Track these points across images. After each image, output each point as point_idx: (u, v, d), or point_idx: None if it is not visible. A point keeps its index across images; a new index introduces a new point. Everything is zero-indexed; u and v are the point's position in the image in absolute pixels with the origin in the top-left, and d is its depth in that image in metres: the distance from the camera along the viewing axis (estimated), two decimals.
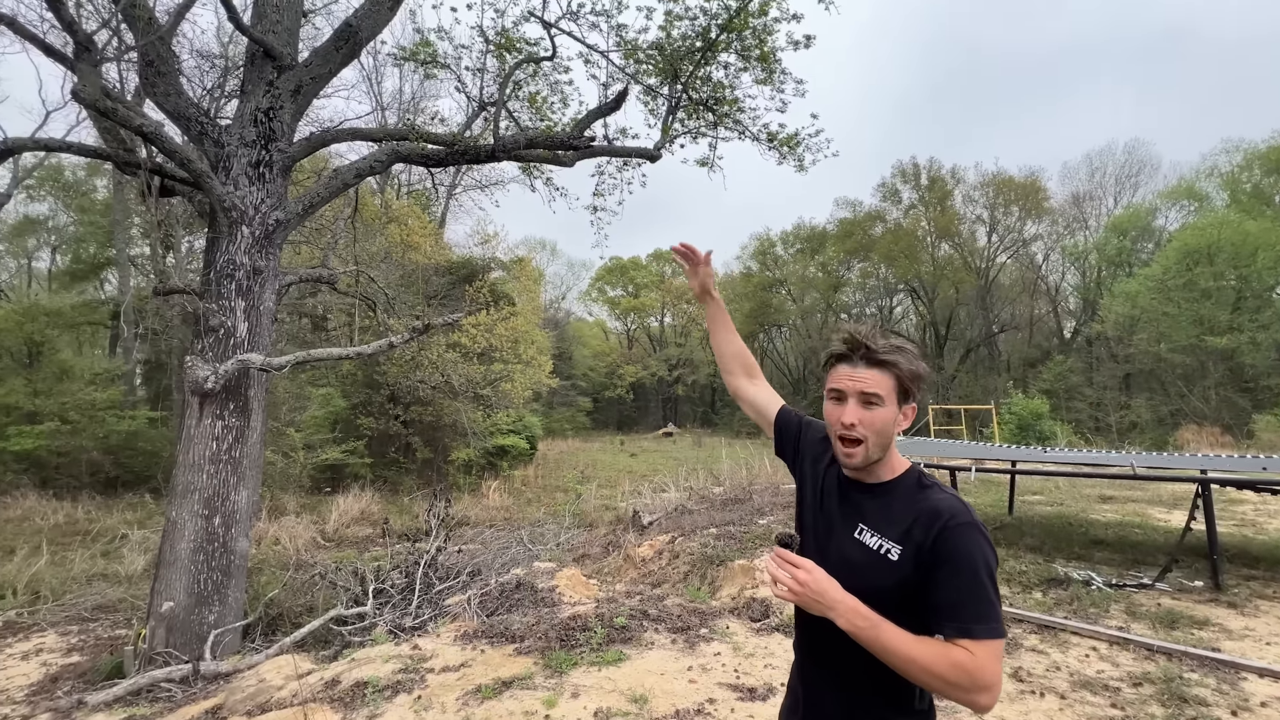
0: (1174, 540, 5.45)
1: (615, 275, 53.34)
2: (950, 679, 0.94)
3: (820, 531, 1.17)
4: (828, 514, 1.17)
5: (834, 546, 1.13)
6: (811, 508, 1.21)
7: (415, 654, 3.91)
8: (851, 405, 1.08)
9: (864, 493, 1.14)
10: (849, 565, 1.08)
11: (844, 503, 1.15)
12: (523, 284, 23.60)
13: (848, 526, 1.12)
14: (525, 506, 15.34)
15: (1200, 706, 2.87)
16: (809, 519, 1.21)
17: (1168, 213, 27.94)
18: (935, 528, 1.02)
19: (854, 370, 1.09)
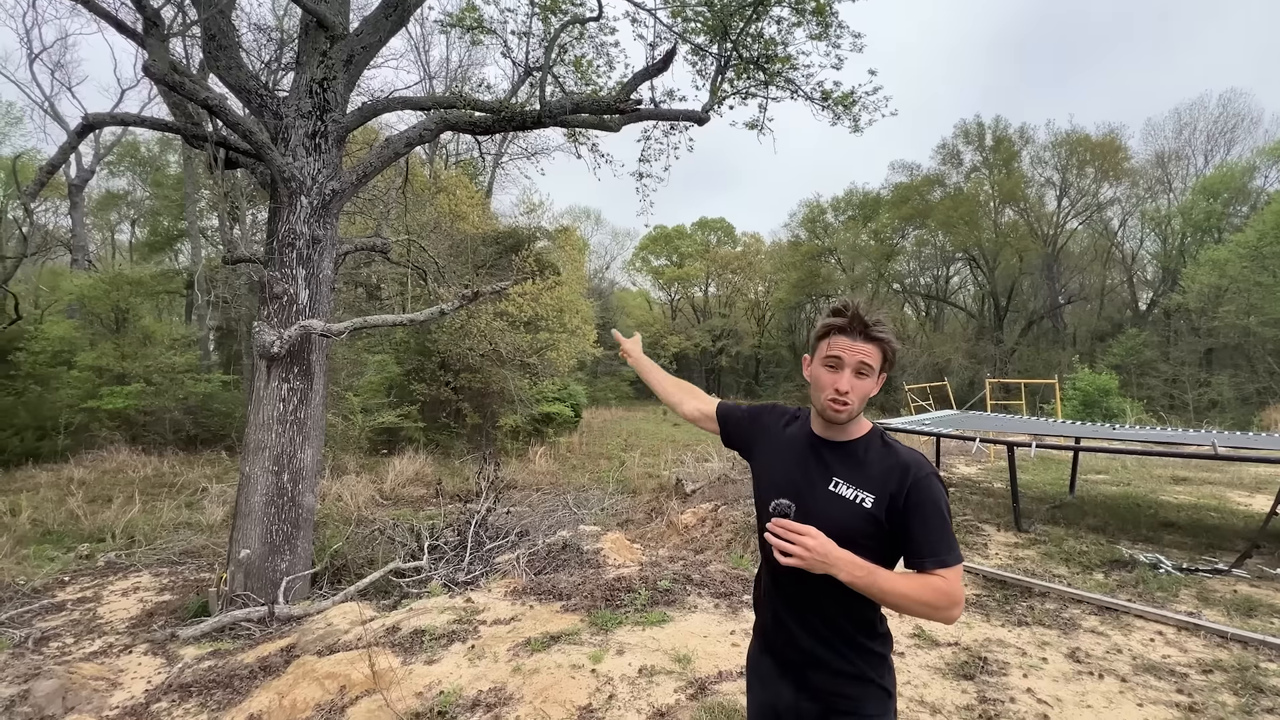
0: (1256, 525, 5.10)
1: (659, 244, 52.84)
2: (933, 602, 1.12)
3: (800, 489, 1.27)
4: (805, 471, 1.28)
5: (814, 499, 1.24)
6: (784, 469, 1.31)
7: (468, 607, 4.11)
8: (847, 374, 1.20)
9: (835, 450, 1.27)
10: (828, 514, 1.21)
11: (818, 461, 1.27)
12: (567, 253, 23.67)
13: (823, 480, 1.24)
14: (570, 472, 15.70)
15: (1278, 697, 2.71)
16: (783, 479, 1.30)
17: (1268, 172, 25.35)
18: (907, 480, 1.18)
19: (853, 343, 1.20)
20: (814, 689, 1.27)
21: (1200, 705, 2.66)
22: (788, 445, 1.35)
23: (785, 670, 1.32)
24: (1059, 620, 3.62)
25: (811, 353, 1.31)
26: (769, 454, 1.38)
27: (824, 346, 1.24)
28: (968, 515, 6.07)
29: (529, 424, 20.16)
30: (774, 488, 1.31)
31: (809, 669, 1.28)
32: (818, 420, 1.31)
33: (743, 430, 1.50)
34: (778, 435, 1.39)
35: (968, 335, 31.92)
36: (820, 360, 1.25)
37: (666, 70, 6.81)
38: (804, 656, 1.28)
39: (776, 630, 1.34)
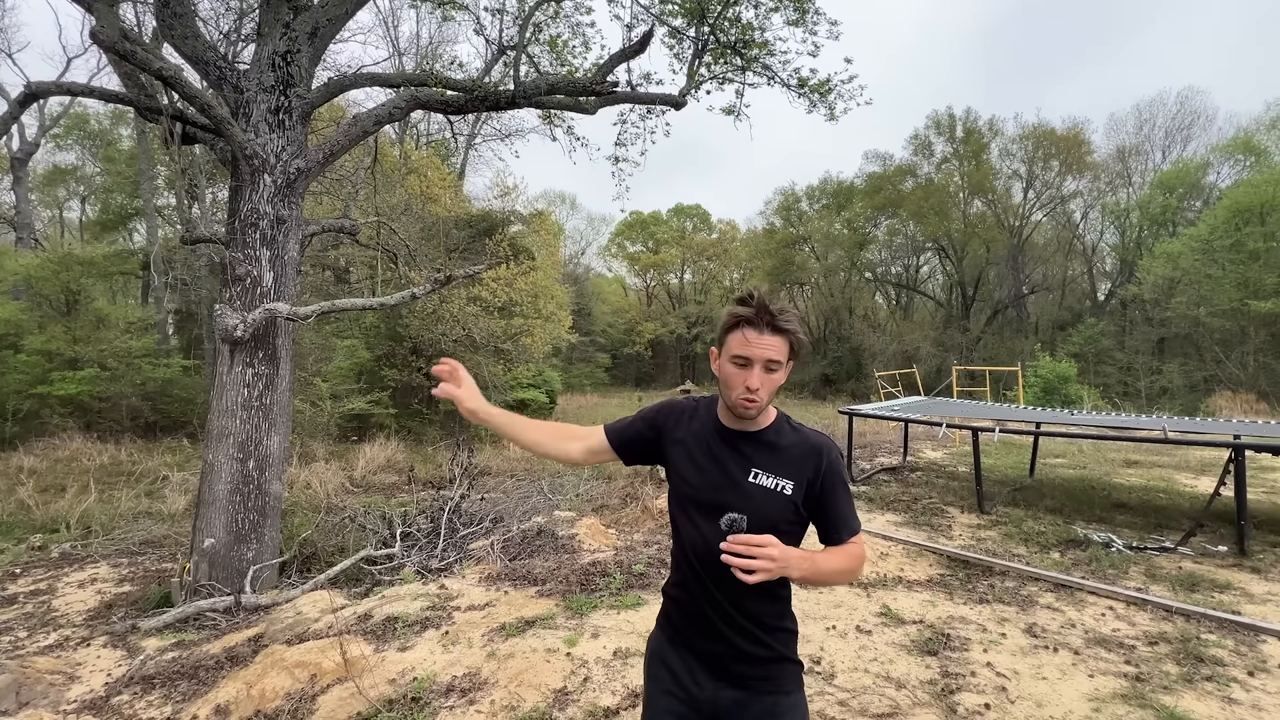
0: (1200, 505, 5.38)
1: (635, 230, 52.62)
2: (854, 569, 1.25)
3: (720, 485, 1.25)
4: (722, 466, 1.26)
5: (737, 494, 1.24)
6: (701, 469, 1.28)
7: (442, 593, 4.09)
8: (756, 371, 1.18)
9: (748, 441, 1.27)
10: (753, 497, 1.23)
11: (734, 453, 1.26)
12: (542, 238, 23.40)
13: (743, 473, 1.24)
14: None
15: (1216, 666, 2.88)
16: (697, 479, 1.28)
17: (1220, 168, 26.38)
18: (823, 464, 1.24)
19: (760, 337, 1.18)
20: (735, 676, 1.27)
21: (1146, 675, 2.81)
22: (697, 443, 1.30)
23: (704, 662, 1.29)
24: (1018, 597, 3.77)
25: (719, 346, 1.26)
26: (681, 456, 1.31)
27: (732, 342, 1.21)
28: (933, 498, 6.25)
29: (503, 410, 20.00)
30: (695, 489, 1.28)
31: (730, 660, 1.26)
32: (726, 412, 1.29)
33: (645, 443, 1.39)
34: (685, 435, 1.33)
35: (936, 324, 32.69)
36: (729, 358, 1.21)
37: (643, 52, 6.73)
38: (727, 648, 1.26)
39: (698, 626, 1.29)
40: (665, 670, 1.32)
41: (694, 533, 1.26)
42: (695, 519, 1.26)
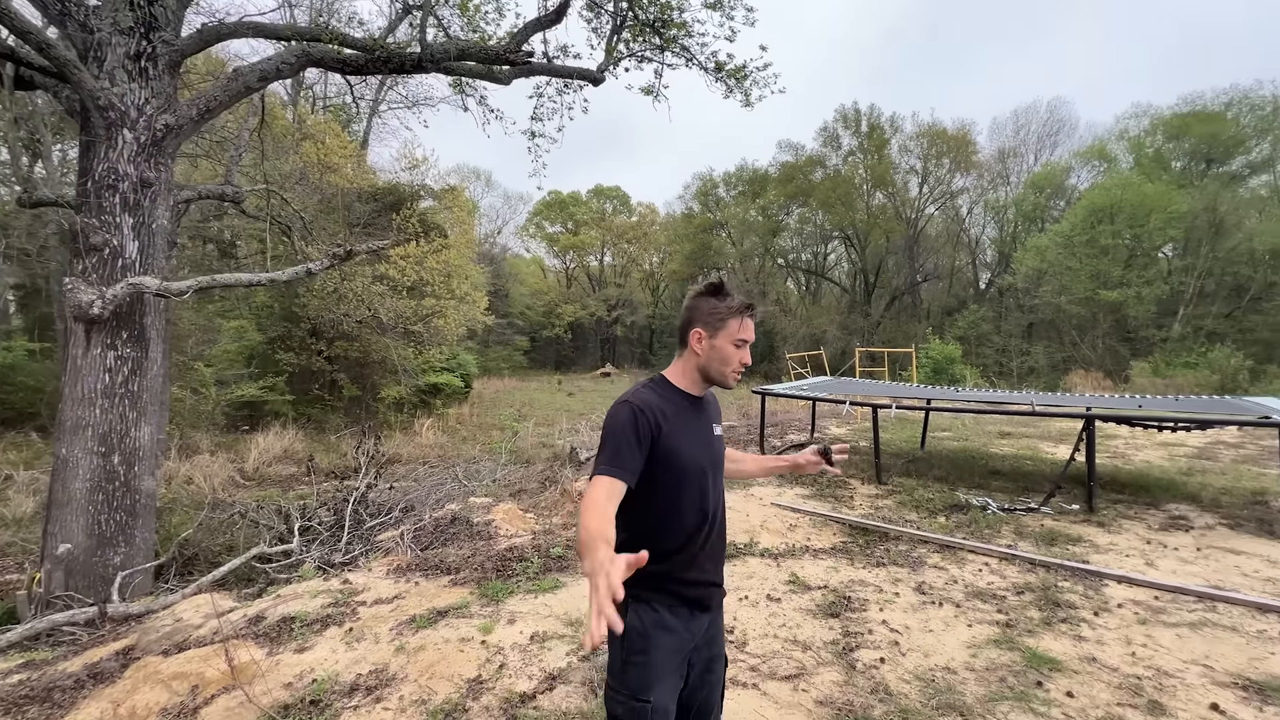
0: (1058, 470, 6.08)
1: (554, 210, 51.53)
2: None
3: (704, 445, 1.52)
4: (700, 429, 1.53)
5: (713, 444, 1.56)
6: (692, 438, 1.49)
7: (346, 588, 3.85)
8: (747, 350, 1.52)
9: (702, 404, 1.58)
10: (721, 448, 1.61)
11: (701, 417, 1.56)
12: (455, 215, 22.36)
13: (708, 427, 1.56)
14: (460, 444, 15.18)
15: (1069, 609, 3.27)
16: (692, 449, 1.48)
17: (1080, 172, 29.69)
18: (719, 408, 1.70)
19: (752, 323, 1.52)
20: (712, 604, 1.54)
21: (1014, 621, 3.14)
22: (683, 422, 1.49)
23: (695, 605, 1.48)
24: (909, 559, 4.10)
25: (711, 329, 1.49)
26: (676, 439, 1.45)
27: (732, 327, 1.49)
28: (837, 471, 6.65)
29: (414, 395, 19.14)
30: (693, 458, 1.48)
31: (714, 592, 1.54)
32: (694, 384, 1.55)
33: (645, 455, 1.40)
34: (672, 421, 1.45)
35: (841, 308, 34.67)
36: (731, 340, 1.49)
37: (560, 23, 6.52)
38: (713, 584, 1.53)
39: (695, 581, 1.48)
40: (669, 635, 1.42)
41: (698, 492, 1.47)
42: (698, 482, 1.48)
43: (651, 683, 1.36)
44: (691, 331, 1.51)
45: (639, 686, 1.36)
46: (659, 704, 1.35)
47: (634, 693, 1.36)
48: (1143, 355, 19.62)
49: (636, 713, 1.34)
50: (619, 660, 1.41)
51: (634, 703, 1.34)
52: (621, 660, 1.41)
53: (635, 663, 1.39)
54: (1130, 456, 7.46)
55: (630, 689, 1.36)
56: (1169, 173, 25.50)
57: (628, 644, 1.40)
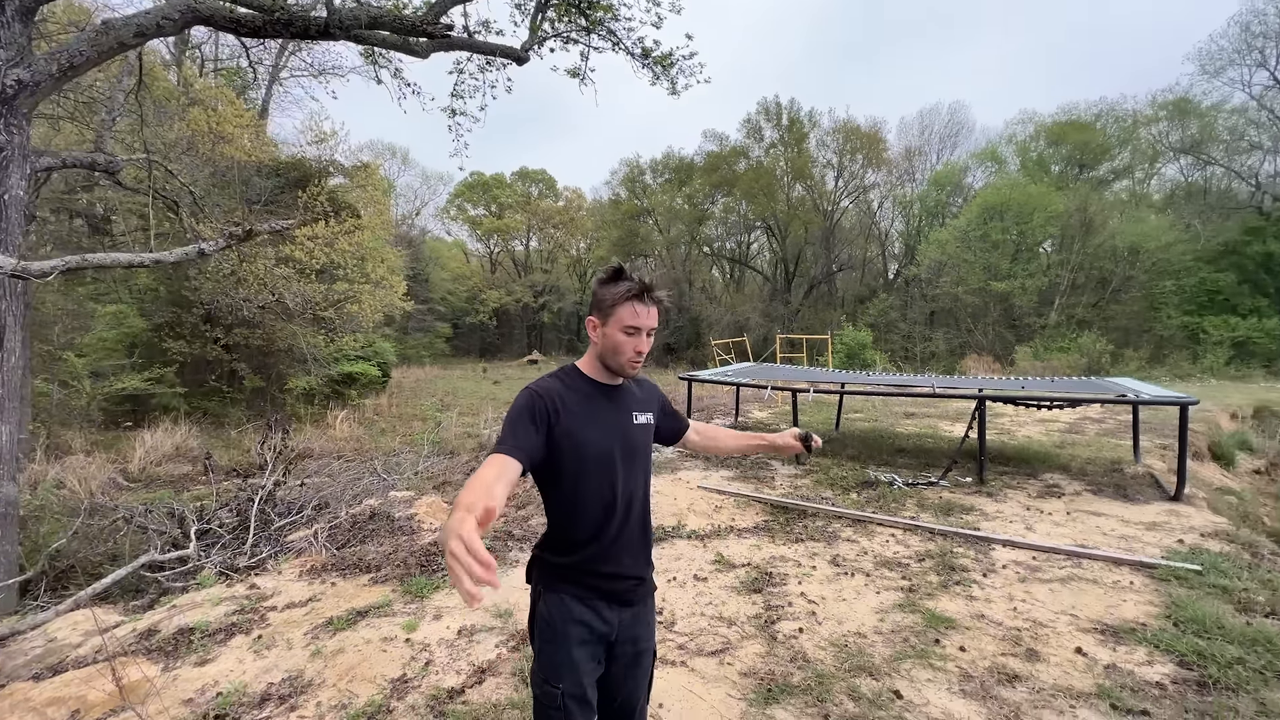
0: (953, 446, 6.65)
1: (477, 192, 49.69)
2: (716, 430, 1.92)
3: (623, 428, 1.49)
4: (614, 415, 1.48)
5: (631, 432, 1.50)
6: (599, 423, 1.45)
7: (253, 593, 3.60)
8: (643, 337, 1.44)
9: (621, 391, 1.53)
10: (643, 439, 1.54)
11: (615, 404, 1.50)
12: (369, 194, 21.08)
13: (625, 415, 1.51)
14: (378, 437, 14.49)
15: (963, 572, 3.61)
16: (598, 435, 1.44)
17: (975, 172, 32.19)
18: (659, 396, 1.69)
19: (646, 309, 1.43)
20: (634, 598, 1.51)
21: (916, 586, 3.42)
22: (583, 406, 1.44)
23: (610, 598, 1.47)
24: (825, 534, 4.36)
25: (603, 316, 1.44)
26: (578, 424, 1.41)
27: (622, 314, 1.41)
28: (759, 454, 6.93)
29: (326, 386, 18.05)
30: (599, 443, 1.44)
31: (634, 586, 1.51)
32: (600, 372, 1.50)
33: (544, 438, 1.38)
34: (573, 407, 1.42)
35: (764, 296, 35.88)
36: (619, 328, 1.42)
37: None
38: (631, 577, 1.50)
39: (610, 574, 1.47)
40: (579, 626, 1.42)
41: (605, 482, 1.43)
42: (605, 471, 1.43)
43: (561, 670, 1.39)
44: (588, 320, 1.48)
45: (550, 673, 1.40)
46: (569, 690, 1.38)
47: (545, 678, 1.40)
48: (1025, 340, 21.71)
49: (548, 695, 1.38)
50: (535, 645, 1.45)
51: (546, 686, 1.39)
52: (537, 647, 1.45)
53: (546, 651, 1.42)
54: (1014, 432, 8.26)
55: (544, 674, 1.41)
56: (1049, 175, 28.16)
57: (539, 632, 1.45)
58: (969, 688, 2.43)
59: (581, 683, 1.40)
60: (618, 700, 1.52)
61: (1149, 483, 5.63)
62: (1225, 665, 2.52)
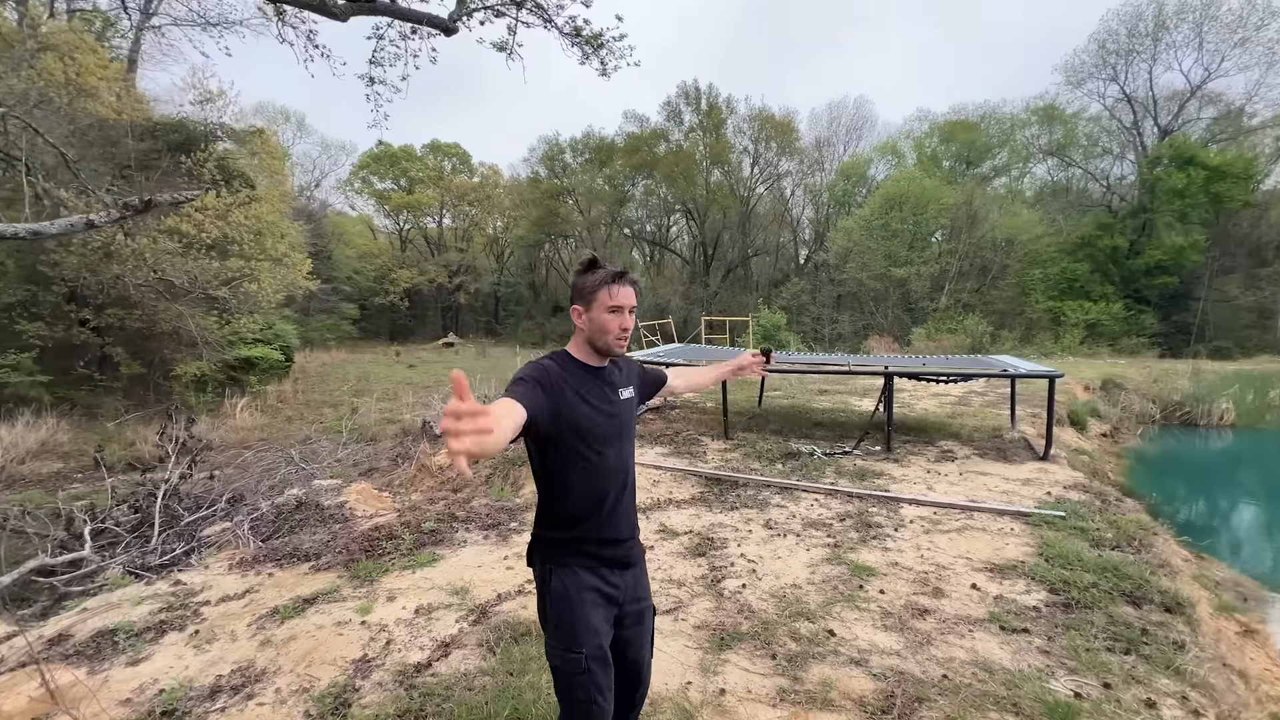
0: (864, 419, 7.29)
1: (384, 164, 46.71)
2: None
3: (610, 410, 1.60)
4: (604, 393, 1.61)
5: (621, 407, 1.63)
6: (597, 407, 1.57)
7: (179, 590, 3.40)
8: (625, 314, 1.56)
9: (607, 372, 1.64)
10: (630, 412, 1.67)
11: (605, 384, 1.61)
12: (264, 163, 19.38)
13: (613, 393, 1.62)
14: (285, 425, 13.61)
15: (878, 528, 4.05)
16: (598, 416, 1.56)
17: (878, 164, 34.38)
18: (635, 368, 1.80)
19: (626, 290, 1.56)
20: (633, 559, 1.64)
21: (840, 542, 3.82)
22: (586, 390, 1.56)
23: (615, 565, 1.59)
24: (757, 501, 4.70)
25: (586, 303, 1.56)
26: (575, 400, 1.52)
27: (605, 296, 1.54)
28: (690, 430, 7.25)
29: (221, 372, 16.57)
30: (600, 423, 1.56)
31: (631, 549, 1.64)
32: (590, 355, 1.61)
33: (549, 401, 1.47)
34: (569, 385, 1.53)
35: (683, 279, 36.63)
36: (604, 308, 1.55)
37: None
38: (630, 542, 1.64)
39: (611, 540, 1.59)
40: (592, 593, 1.54)
41: (608, 457, 1.56)
42: (602, 443, 1.55)
43: (581, 636, 1.49)
44: (573, 309, 1.60)
45: (571, 641, 1.49)
46: (591, 653, 1.48)
47: (567, 647, 1.49)
48: (920, 322, 23.73)
49: (571, 663, 1.47)
50: (552, 621, 1.53)
51: (569, 655, 1.47)
52: (554, 622, 1.53)
53: (565, 622, 1.51)
54: (913, 406, 9.14)
55: (564, 644, 1.49)
56: (941, 170, 30.65)
57: (554, 606, 1.53)
58: (889, 622, 2.80)
59: (601, 645, 1.51)
60: (629, 657, 1.64)
61: (1023, 446, 6.48)
62: (1083, 589, 3.06)
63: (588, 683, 1.46)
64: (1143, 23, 26.35)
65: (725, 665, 2.47)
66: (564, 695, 1.51)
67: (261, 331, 18.42)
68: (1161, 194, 23.42)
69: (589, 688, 1.46)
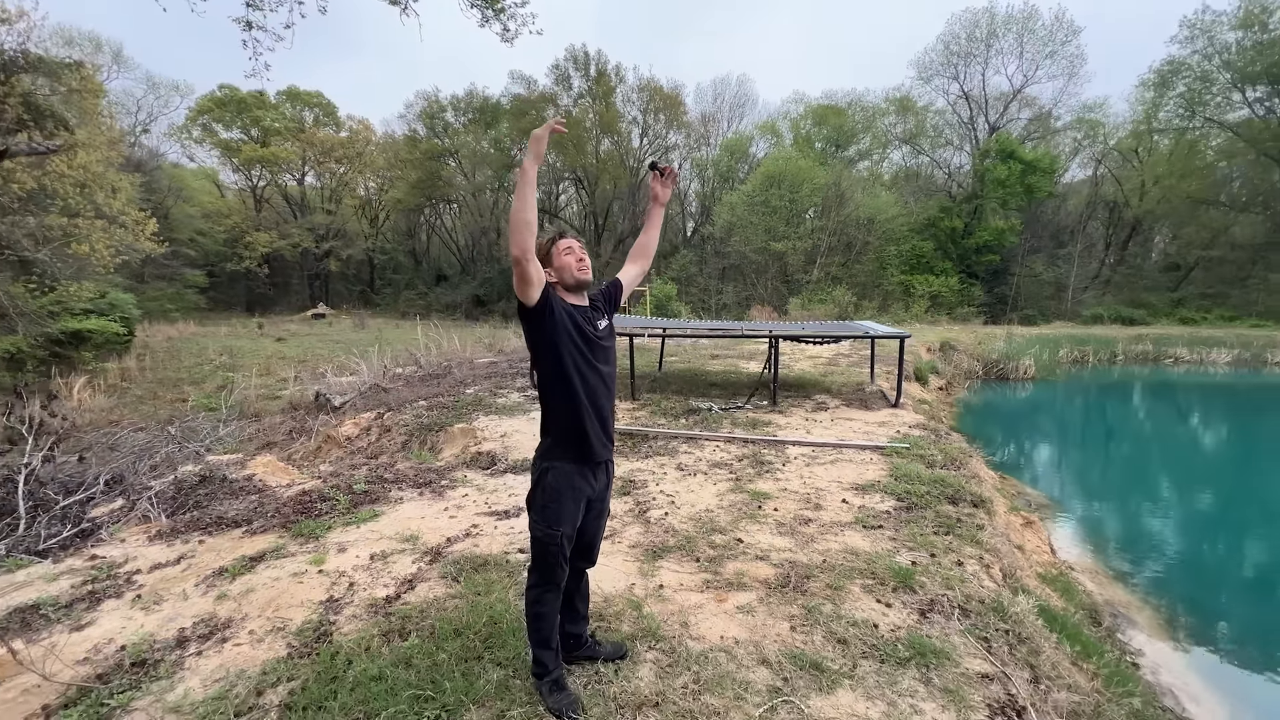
0: (753, 379, 8.19)
1: (229, 111, 41.08)
2: None
3: (590, 334, 2.00)
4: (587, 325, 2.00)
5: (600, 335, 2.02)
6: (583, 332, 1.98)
7: (100, 564, 3.30)
8: (577, 252, 2.03)
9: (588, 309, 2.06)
10: (608, 339, 2.07)
11: (585, 318, 2.01)
12: (86, 104, 16.57)
13: (592, 326, 2.02)
14: (137, 405, 12.26)
15: (770, 465, 4.81)
16: (581, 339, 1.97)
17: (759, 142, 36.34)
18: (600, 296, 2.18)
19: (568, 240, 2.04)
20: (608, 461, 2.09)
21: (740, 477, 4.51)
22: (574, 312, 2.00)
23: (597, 466, 2.04)
24: (667, 449, 5.30)
25: (548, 259, 2.01)
26: (569, 324, 1.96)
27: (558, 248, 2.02)
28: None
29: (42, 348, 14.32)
30: (587, 345, 1.98)
31: (609, 452, 2.07)
32: (570, 295, 2.03)
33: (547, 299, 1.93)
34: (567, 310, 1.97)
35: None
36: (560, 254, 2.02)
37: None
38: (610, 444, 2.06)
39: (596, 439, 1.98)
40: (574, 490, 1.98)
41: (594, 369, 1.97)
42: (594, 362, 1.98)
43: (561, 519, 1.97)
44: (545, 271, 1.98)
45: (553, 520, 1.97)
46: (566, 532, 1.98)
47: (549, 524, 1.97)
48: (795, 293, 25.91)
49: (550, 537, 1.96)
50: (539, 503, 1.99)
51: (548, 530, 1.96)
52: (541, 503, 1.99)
53: (550, 506, 1.98)
54: (792, 367, 10.31)
55: (547, 522, 1.97)
56: (814, 152, 33.10)
57: (545, 493, 1.99)
58: (783, 530, 3.50)
59: (574, 526, 2.00)
60: (586, 538, 2.12)
61: (879, 396, 7.71)
62: (919, 496, 3.99)
63: (558, 551, 1.98)
64: (979, 29, 30.06)
65: (659, 570, 3.01)
66: (538, 555, 2.01)
67: (94, 301, 16.07)
68: (989, 183, 27.26)
69: (558, 555, 1.98)
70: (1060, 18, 29.06)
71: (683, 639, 2.41)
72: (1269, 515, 6.65)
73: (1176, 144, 28.74)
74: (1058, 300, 28.83)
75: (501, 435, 5.82)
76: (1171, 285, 29.39)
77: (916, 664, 2.25)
